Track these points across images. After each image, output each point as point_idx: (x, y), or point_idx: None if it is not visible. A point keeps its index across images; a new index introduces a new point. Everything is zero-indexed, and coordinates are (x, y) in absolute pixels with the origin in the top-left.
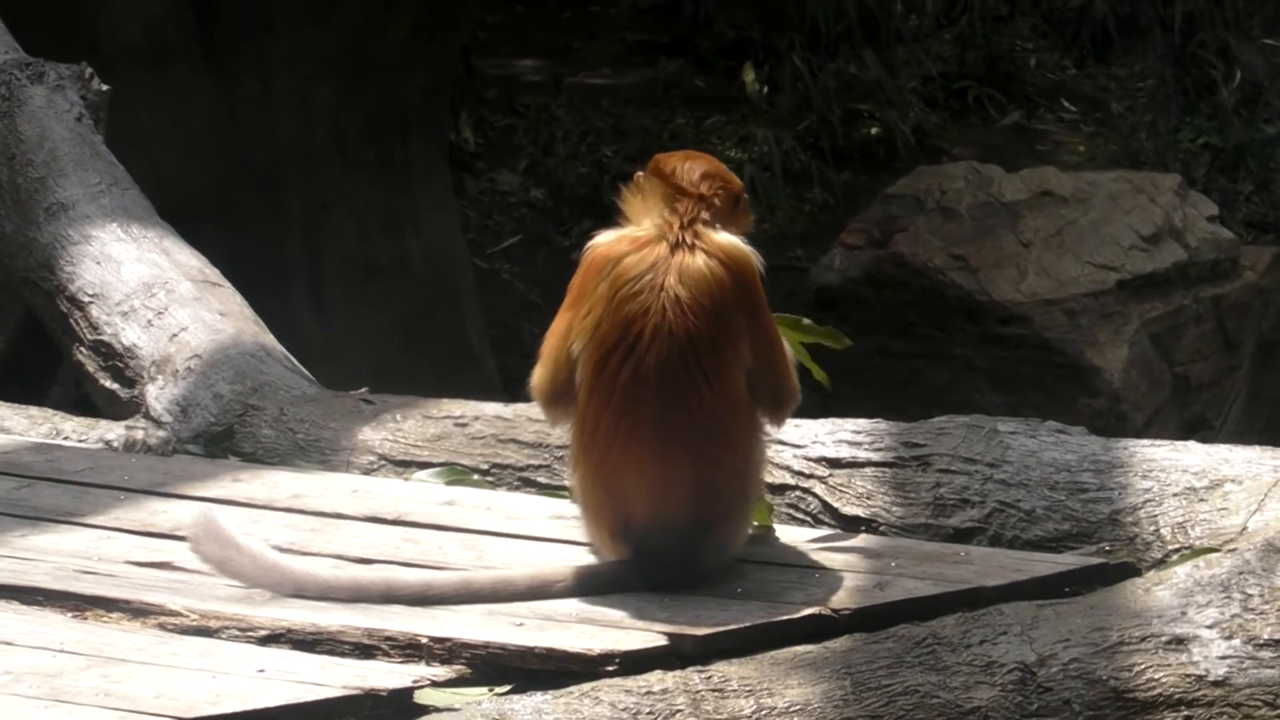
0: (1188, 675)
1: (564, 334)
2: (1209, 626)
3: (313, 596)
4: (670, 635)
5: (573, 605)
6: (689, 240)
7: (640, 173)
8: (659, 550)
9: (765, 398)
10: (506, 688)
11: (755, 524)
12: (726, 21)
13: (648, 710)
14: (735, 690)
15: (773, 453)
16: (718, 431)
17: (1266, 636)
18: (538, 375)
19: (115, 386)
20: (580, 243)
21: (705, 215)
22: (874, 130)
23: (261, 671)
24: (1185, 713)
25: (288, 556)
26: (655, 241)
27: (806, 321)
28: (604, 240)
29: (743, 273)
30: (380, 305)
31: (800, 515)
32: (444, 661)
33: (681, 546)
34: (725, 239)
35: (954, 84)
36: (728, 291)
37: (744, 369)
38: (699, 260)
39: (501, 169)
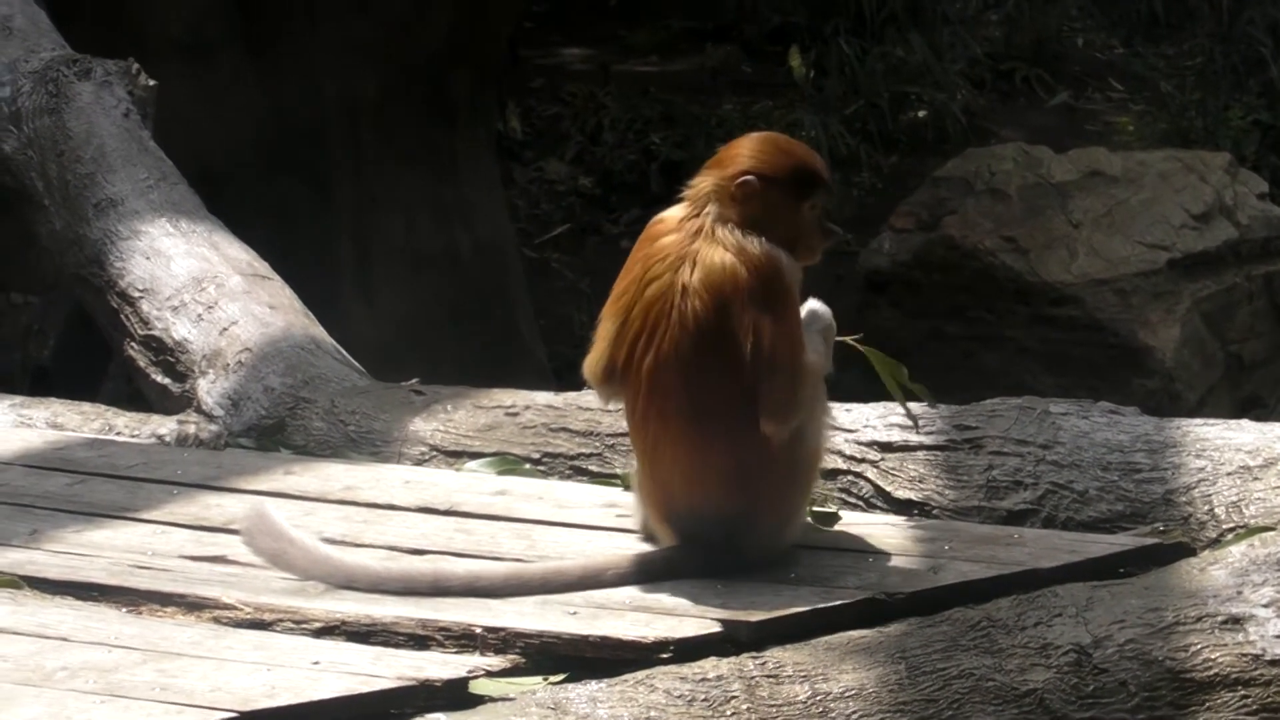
0: (1244, 655)
1: (609, 313)
2: (1265, 605)
3: (364, 588)
4: (724, 622)
5: (626, 593)
6: (712, 229)
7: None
8: (701, 535)
9: (762, 400)
10: (561, 677)
11: (817, 509)
12: (772, 7)
13: (703, 697)
14: (790, 676)
15: None
16: (750, 419)
17: None
18: (590, 354)
19: (166, 381)
20: (629, 230)
21: (722, 209)
22: (922, 113)
23: (316, 664)
24: (1242, 692)
25: (339, 549)
26: (690, 224)
27: (902, 368)
28: (657, 219)
29: (759, 269)
30: (430, 296)
31: (853, 500)
32: (498, 651)
33: (722, 532)
34: (754, 243)
35: (1001, 65)
36: (740, 285)
37: None
38: (717, 251)
39: (549, 158)
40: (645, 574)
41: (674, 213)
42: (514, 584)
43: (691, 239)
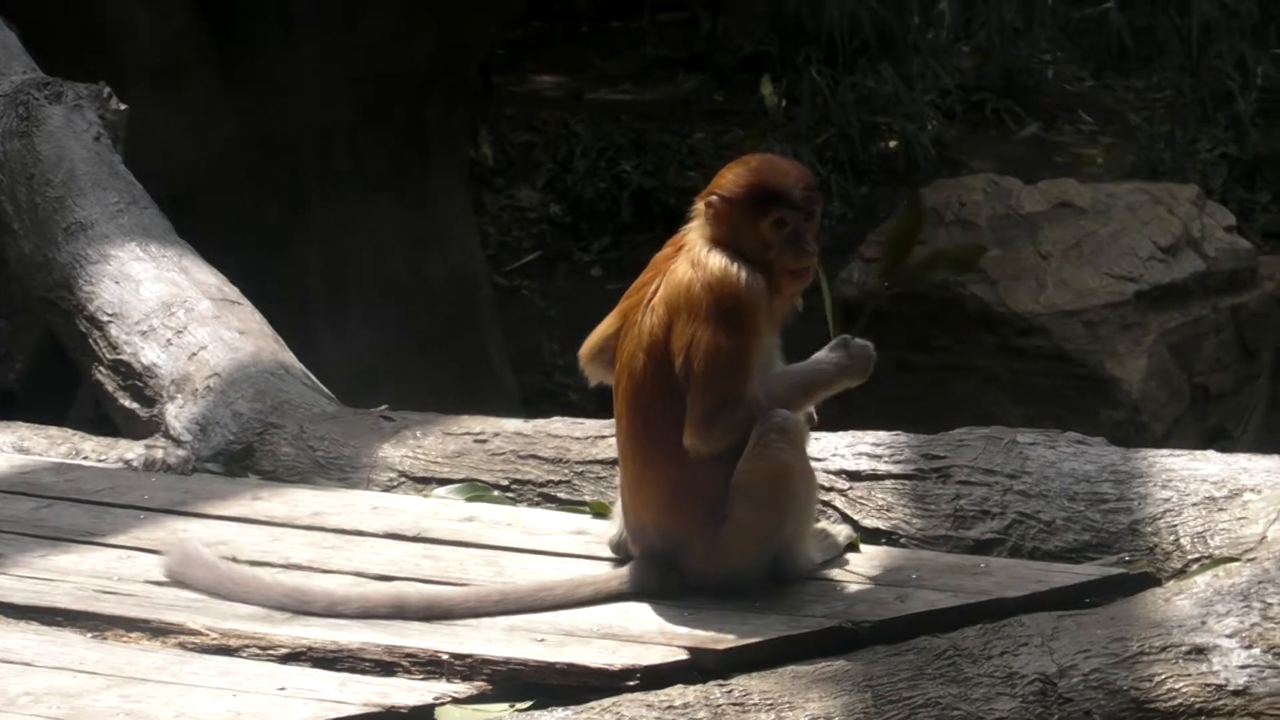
0: (1208, 685)
1: (615, 311)
2: (1229, 636)
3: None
4: (691, 649)
5: (594, 620)
6: (690, 246)
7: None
8: (653, 553)
9: (687, 413)
10: (528, 704)
11: (830, 537)
12: (744, 36)
13: None
14: (756, 704)
15: None
16: (682, 447)
17: None
18: (594, 331)
19: (134, 406)
20: (599, 258)
21: (702, 227)
22: (892, 143)
23: (282, 690)
24: None
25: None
26: (680, 239)
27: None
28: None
29: (713, 286)
30: (400, 322)
31: None
32: (465, 678)
33: (668, 551)
34: (715, 259)
35: (972, 96)
36: (691, 300)
37: None
38: (686, 270)
39: (521, 185)
40: (601, 590)
41: (683, 229)
42: (471, 602)
43: (675, 255)
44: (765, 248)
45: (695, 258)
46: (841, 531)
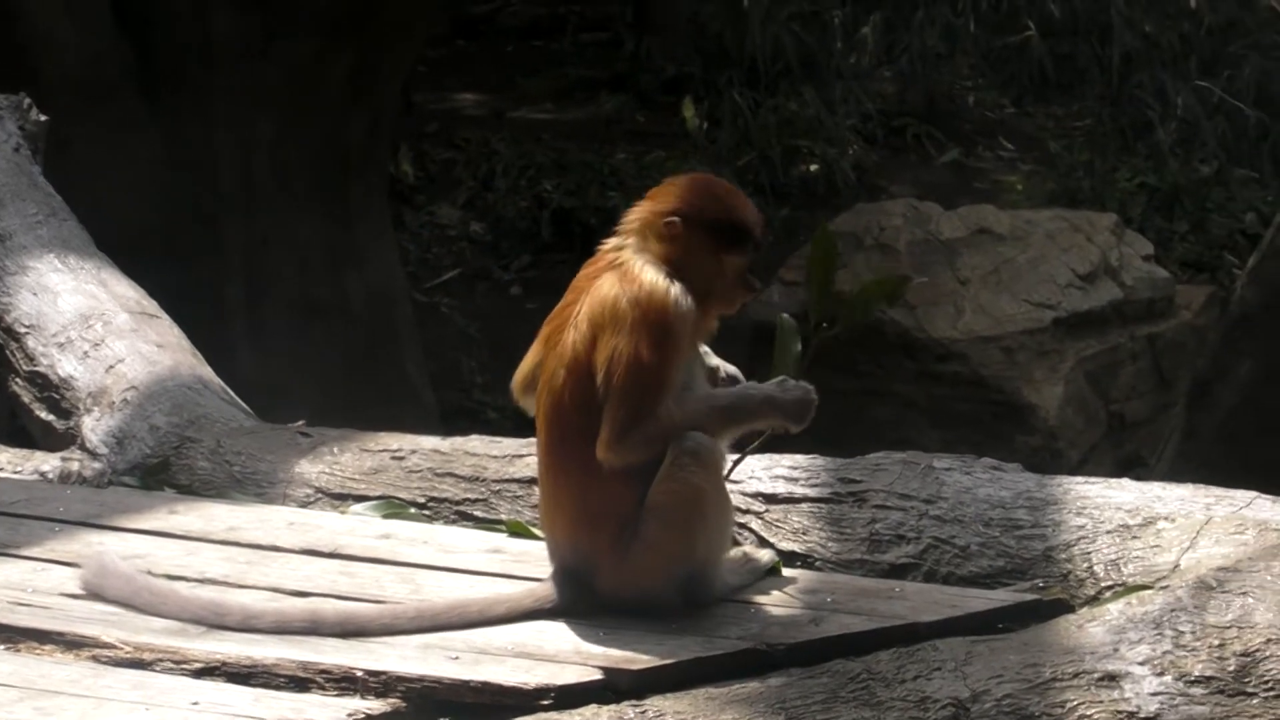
0: (1120, 712)
1: (540, 334)
2: (1141, 663)
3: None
4: (606, 669)
5: (509, 638)
6: (623, 261)
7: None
8: (566, 571)
9: (602, 425)
10: None
11: (751, 560)
12: (667, 58)
13: None
14: None
15: None
16: (596, 464)
17: (1198, 673)
18: (522, 363)
19: (51, 418)
20: (520, 277)
21: (640, 243)
22: (813, 167)
23: (195, 704)
24: None
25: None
26: (611, 255)
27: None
28: (600, 246)
29: (641, 304)
30: (320, 339)
31: None
32: (379, 695)
33: (579, 569)
34: (648, 275)
35: (893, 121)
36: (617, 318)
37: None
38: (612, 287)
39: (441, 203)
40: (516, 608)
41: (609, 243)
42: (386, 620)
43: (605, 270)
44: (715, 277)
45: (627, 272)
46: (764, 555)
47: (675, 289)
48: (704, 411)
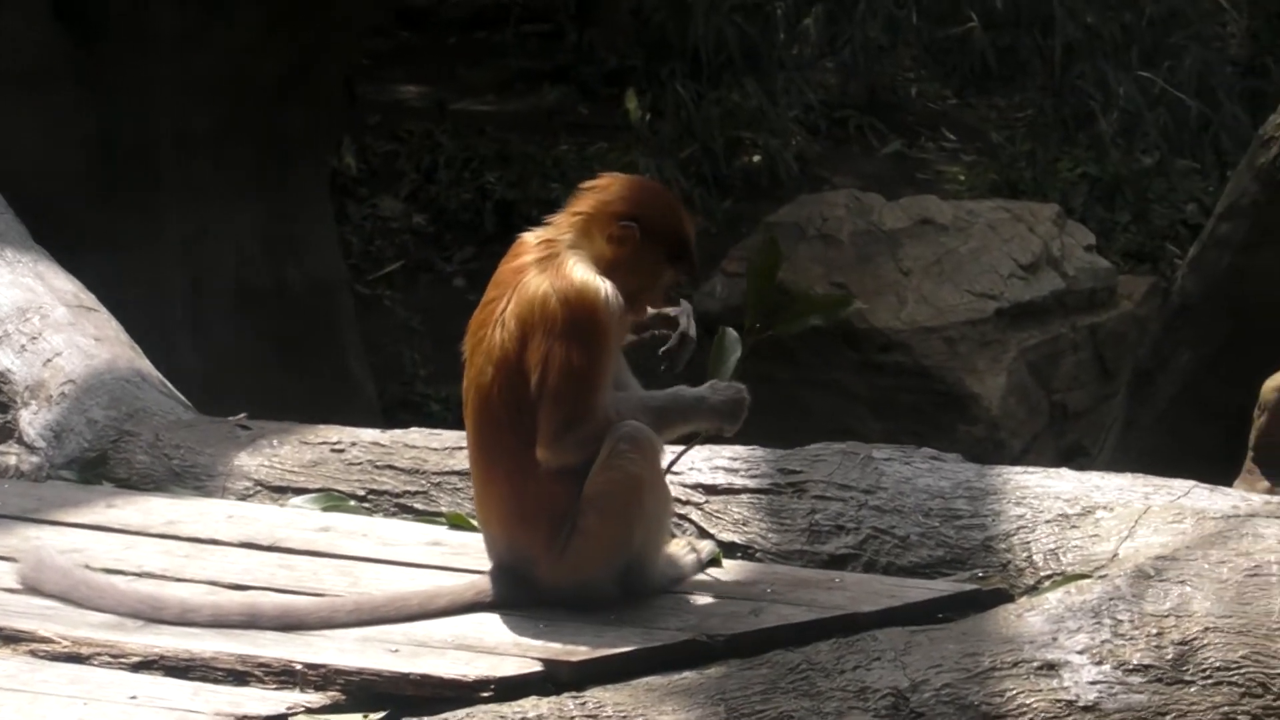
0: (1058, 700)
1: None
2: (1080, 652)
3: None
4: (545, 661)
5: (449, 631)
6: (556, 257)
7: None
8: (503, 565)
9: (538, 425)
10: (381, 714)
11: (691, 552)
12: (609, 49)
13: None
14: (610, 716)
15: None
16: (531, 458)
17: (1136, 662)
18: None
19: None
20: (462, 269)
21: (578, 238)
22: (756, 158)
23: (134, 698)
24: None
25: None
26: (541, 248)
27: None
28: (519, 238)
29: (571, 303)
30: (259, 330)
31: None
32: (318, 688)
33: (515, 563)
34: (579, 272)
35: (835, 113)
36: (547, 316)
37: None
38: (541, 283)
39: (384, 195)
40: (456, 601)
41: (536, 234)
42: (325, 612)
43: (533, 265)
44: (648, 284)
45: (559, 267)
46: (705, 546)
47: (607, 288)
48: (639, 410)
